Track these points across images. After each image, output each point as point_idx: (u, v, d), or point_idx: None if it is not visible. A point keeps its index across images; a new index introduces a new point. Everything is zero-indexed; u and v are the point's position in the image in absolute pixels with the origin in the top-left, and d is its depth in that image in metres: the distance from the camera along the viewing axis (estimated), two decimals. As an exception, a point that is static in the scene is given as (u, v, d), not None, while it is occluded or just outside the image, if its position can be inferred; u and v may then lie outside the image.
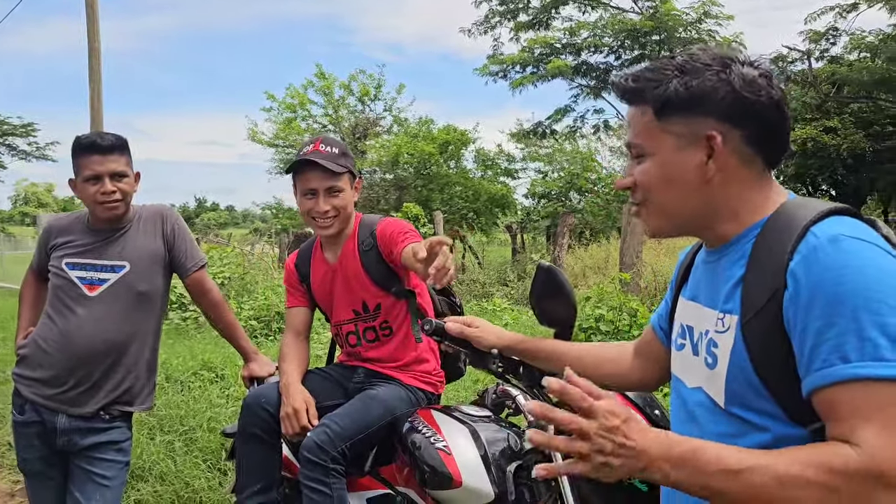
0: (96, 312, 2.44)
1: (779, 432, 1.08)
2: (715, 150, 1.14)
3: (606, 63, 17.71)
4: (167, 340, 7.19)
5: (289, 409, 2.28)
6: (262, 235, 17.82)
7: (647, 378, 1.59)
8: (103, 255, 2.48)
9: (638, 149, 1.21)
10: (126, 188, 2.46)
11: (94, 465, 2.46)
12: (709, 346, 1.19)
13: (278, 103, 20.27)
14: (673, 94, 1.15)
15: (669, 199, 1.20)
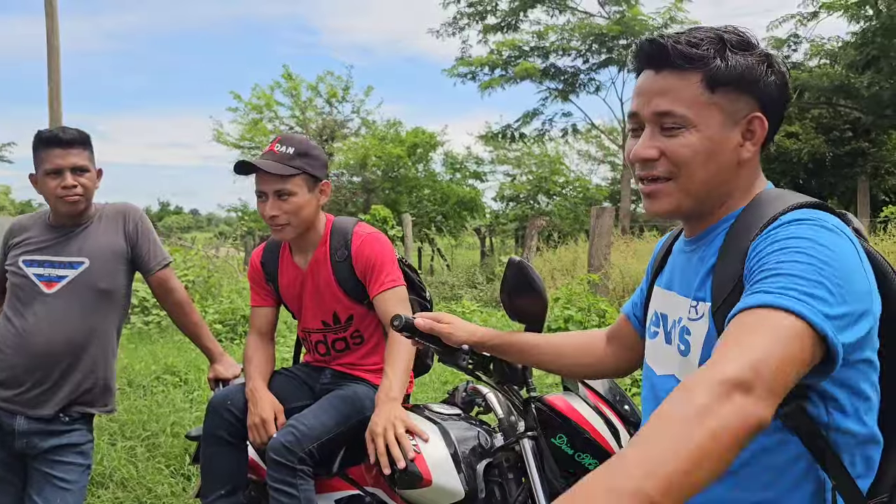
0: (54, 310, 2.37)
1: None
2: (756, 134, 1.14)
3: (574, 66, 17.89)
4: (128, 345, 7.05)
5: (256, 419, 2.23)
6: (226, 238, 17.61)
7: (622, 365, 1.59)
8: (62, 251, 2.41)
9: (678, 119, 1.12)
10: (87, 183, 2.40)
11: (55, 468, 2.38)
12: (682, 333, 1.19)
13: (244, 104, 20.07)
14: (732, 69, 1.11)
15: (703, 176, 1.14)
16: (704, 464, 0.81)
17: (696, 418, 0.84)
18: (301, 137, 2.38)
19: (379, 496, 2.17)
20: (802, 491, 1.06)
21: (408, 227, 10.98)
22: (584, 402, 1.92)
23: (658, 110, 1.14)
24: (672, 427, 0.84)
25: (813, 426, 1.04)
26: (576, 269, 10.33)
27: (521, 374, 1.91)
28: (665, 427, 0.84)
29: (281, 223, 2.27)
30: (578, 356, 1.61)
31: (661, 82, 1.14)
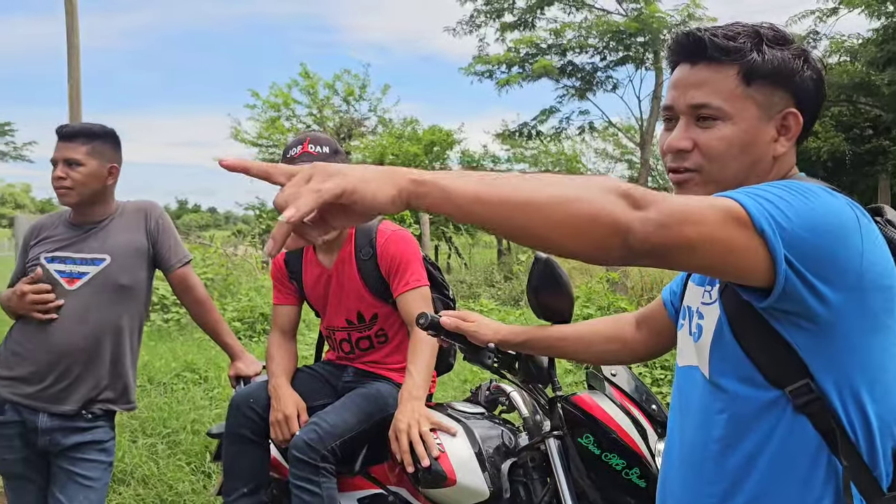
0: (76, 307, 2.37)
1: (760, 399, 1.07)
2: (791, 130, 1.14)
3: (591, 64, 17.76)
4: (148, 342, 7.09)
5: (279, 416, 2.22)
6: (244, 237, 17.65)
7: (652, 349, 1.59)
8: (83, 248, 2.43)
9: (714, 111, 1.12)
10: (77, 177, 2.40)
11: (77, 465, 2.39)
12: (697, 318, 1.19)
13: (262, 102, 20.13)
14: (768, 63, 1.11)
15: (735, 169, 1.14)
16: (533, 210, 0.86)
17: (569, 180, 0.89)
18: (328, 136, 2.38)
19: (402, 495, 2.16)
20: (816, 477, 1.05)
21: (425, 225, 10.96)
22: (611, 401, 1.89)
23: (693, 102, 1.14)
24: (542, 177, 0.90)
25: (823, 407, 1.03)
26: (593, 268, 10.27)
27: (546, 373, 1.90)
28: (539, 176, 0.90)
29: None
30: (606, 343, 1.60)
31: (697, 75, 1.14)
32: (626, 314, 1.66)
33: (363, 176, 0.86)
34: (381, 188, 0.86)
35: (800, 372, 1.03)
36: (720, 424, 1.11)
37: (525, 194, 0.87)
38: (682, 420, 1.22)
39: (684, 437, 1.20)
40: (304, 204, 0.83)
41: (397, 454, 1.99)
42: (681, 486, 1.20)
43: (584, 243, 0.88)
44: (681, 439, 1.21)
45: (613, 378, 1.96)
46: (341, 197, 0.84)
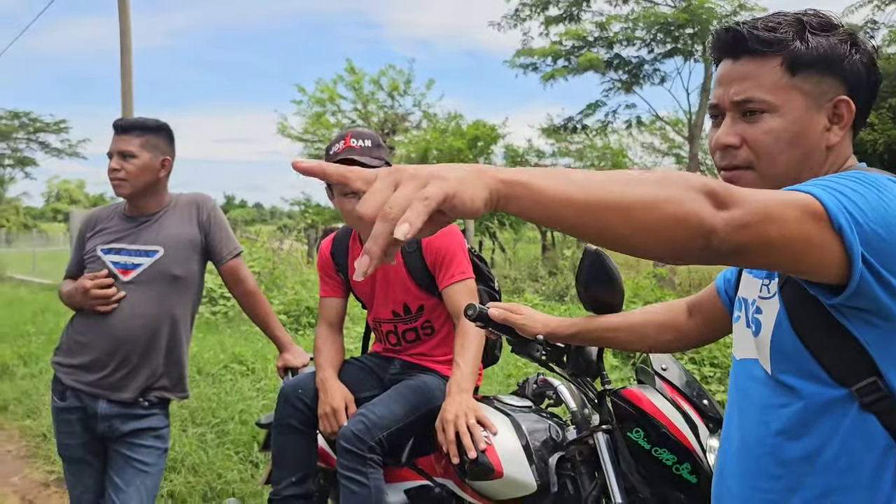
0: (131, 297, 2.43)
1: (824, 396, 1.04)
2: (843, 118, 1.11)
3: (639, 57, 17.50)
4: (197, 334, 7.24)
5: (328, 408, 2.25)
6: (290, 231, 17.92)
7: (705, 337, 1.56)
8: (137, 240, 2.49)
9: (759, 104, 1.10)
10: (131, 168, 2.45)
11: (135, 451, 2.46)
12: (755, 312, 1.17)
13: (308, 97, 20.38)
14: (813, 50, 1.09)
15: (786, 162, 1.11)
16: (621, 212, 0.81)
17: (653, 178, 0.84)
18: (369, 131, 2.38)
19: (449, 487, 2.15)
20: (885, 475, 1.02)
21: (469, 220, 10.96)
22: (662, 396, 1.86)
23: (738, 98, 1.12)
24: (624, 175, 0.84)
25: (893, 405, 1.01)
26: (640, 263, 10.13)
27: (595, 366, 1.88)
28: (620, 174, 0.84)
29: None
30: (659, 334, 1.58)
31: (739, 69, 1.13)
32: (677, 301, 1.62)
33: (459, 177, 0.76)
34: (476, 191, 0.77)
35: (868, 369, 1.01)
36: (781, 419, 1.09)
37: (615, 197, 0.81)
38: (740, 413, 1.19)
39: (742, 430, 1.18)
40: (416, 217, 0.72)
41: (444, 445, 1.99)
42: (737, 480, 1.18)
43: (667, 245, 0.84)
44: (738, 433, 1.19)
45: (664, 372, 1.92)
46: (444, 203, 0.75)
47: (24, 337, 8.43)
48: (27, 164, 58.80)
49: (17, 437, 5.41)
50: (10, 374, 6.91)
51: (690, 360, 4.94)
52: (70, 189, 70.53)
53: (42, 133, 57.64)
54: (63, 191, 70.66)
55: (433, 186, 0.74)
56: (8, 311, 10.78)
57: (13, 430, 5.57)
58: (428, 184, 0.75)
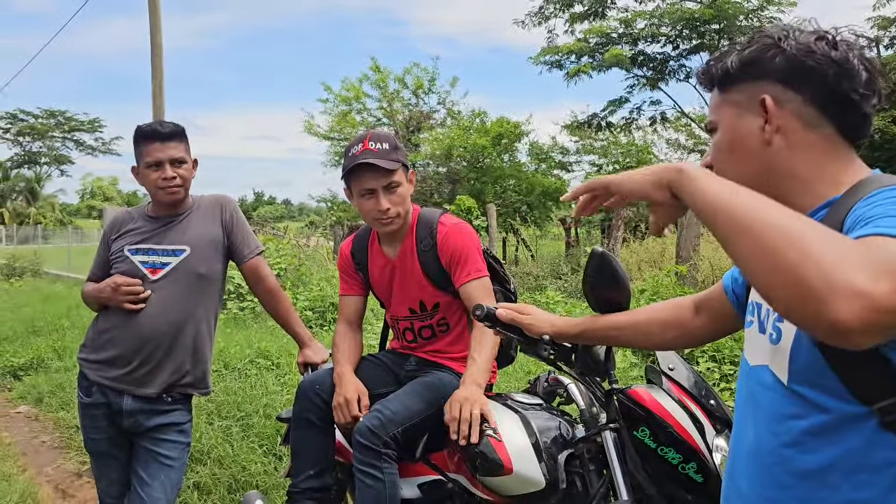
0: (159, 294, 2.51)
1: (842, 412, 1.03)
2: (769, 113, 1.14)
3: (664, 53, 17.34)
4: (225, 329, 7.38)
5: (341, 399, 2.30)
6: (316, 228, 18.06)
7: (711, 335, 1.58)
8: (164, 240, 2.56)
9: (710, 125, 1.25)
10: (185, 174, 2.54)
11: (159, 445, 2.54)
12: (775, 320, 1.15)
13: (335, 96, 20.51)
14: (729, 66, 1.19)
15: (731, 167, 1.19)
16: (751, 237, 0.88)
17: (819, 235, 0.85)
18: (388, 133, 2.46)
19: (461, 482, 2.20)
20: None
21: (492, 217, 10.99)
22: (668, 396, 1.88)
23: (705, 124, 1.30)
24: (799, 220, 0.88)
25: None
26: (664, 260, 10.08)
27: (603, 366, 1.91)
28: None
29: (392, 216, 2.32)
30: (665, 332, 1.60)
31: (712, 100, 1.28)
32: (683, 298, 1.63)
33: (630, 172, 1.16)
34: (639, 176, 1.15)
35: (893, 389, 0.99)
36: (794, 431, 1.09)
37: (767, 225, 0.88)
38: (751, 418, 1.19)
39: (752, 436, 1.18)
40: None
41: (449, 423, 2.04)
42: (748, 485, 1.18)
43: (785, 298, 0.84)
44: (749, 438, 1.19)
45: (671, 372, 1.94)
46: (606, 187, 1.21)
47: (59, 331, 8.65)
48: (63, 161, 60.06)
49: (52, 428, 5.58)
50: (46, 368, 7.12)
51: (711, 359, 4.92)
52: (103, 186, 71.69)
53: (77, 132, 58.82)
54: (97, 188, 71.82)
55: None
56: (44, 306, 11.03)
57: (48, 421, 5.75)
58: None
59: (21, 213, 54.32)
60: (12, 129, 57.30)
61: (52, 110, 57.40)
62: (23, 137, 58.14)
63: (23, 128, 57.22)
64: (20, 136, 57.93)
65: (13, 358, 7.55)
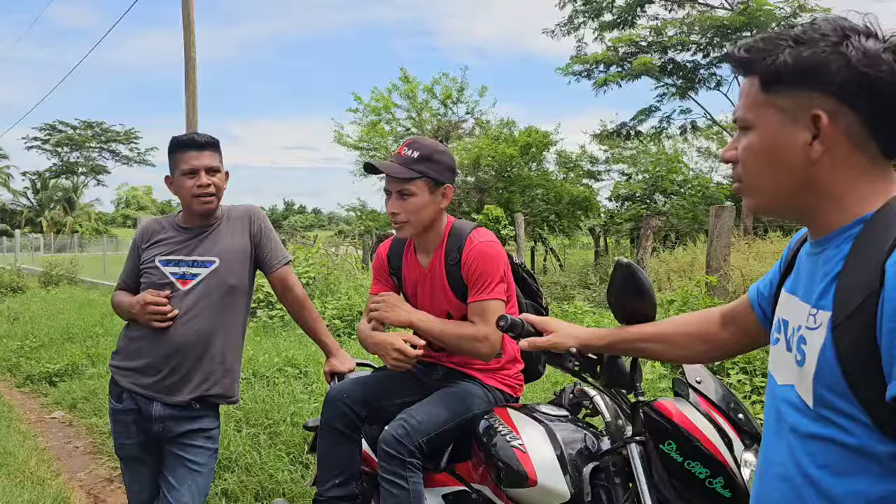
0: (188, 305, 2.55)
1: (864, 440, 1.01)
2: (821, 131, 1.06)
3: (694, 61, 17.20)
4: (255, 337, 7.45)
5: (390, 349, 2.33)
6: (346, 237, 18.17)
7: (739, 348, 1.55)
8: (195, 251, 2.59)
9: (742, 121, 1.15)
10: (219, 183, 2.58)
11: (187, 451, 2.57)
12: (799, 342, 1.12)
13: (364, 105, 20.66)
14: (781, 66, 1.07)
15: (767, 178, 1.13)
16: None
17: None
18: (429, 142, 2.42)
19: (485, 493, 2.20)
20: None
21: (520, 226, 10.96)
22: (696, 409, 1.85)
23: (734, 115, 1.18)
24: None
25: None
26: (693, 270, 9.96)
27: (629, 378, 1.89)
28: None
29: (400, 221, 2.35)
30: (692, 344, 1.58)
31: (742, 87, 1.18)
32: (712, 310, 1.60)
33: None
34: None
35: None
36: (823, 454, 1.06)
37: None
38: (780, 436, 1.16)
39: (784, 455, 1.15)
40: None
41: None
42: None
43: None
44: (780, 458, 1.16)
45: (699, 385, 1.91)
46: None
47: (94, 338, 8.81)
48: (99, 171, 61.36)
49: (85, 433, 5.69)
50: (80, 374, 7.26)
51: (742, 370, 4.85)
52: (138, 195, 72.95)
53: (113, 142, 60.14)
54: (132, 197, 73.12)
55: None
56: (79, 313, 11.24)
57: (81, 427, 5.85)
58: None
59: (58, 221, 55.51)
60: (51, 139, 58.79)
61: (90, 122, 58.79)
62: (61, 148, 59.59)
63: (61, 139, 58.67)
64: (59, 146, 59.41)
65: (49, 364, 7.71)
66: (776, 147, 1.10)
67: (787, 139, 1.09)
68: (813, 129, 1.06)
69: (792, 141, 1.09)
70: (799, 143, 1.08)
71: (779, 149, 1.10)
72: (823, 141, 1.06)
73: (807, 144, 1.07)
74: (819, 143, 1.07)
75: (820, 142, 1.07)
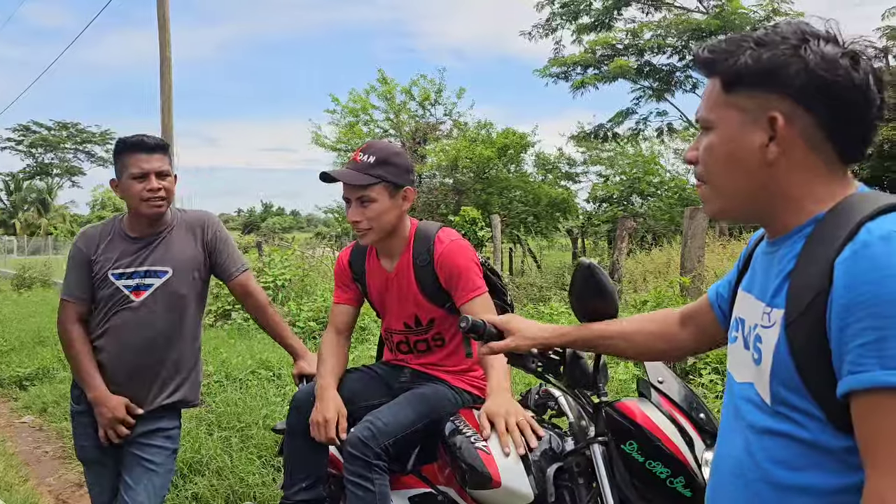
0: (142, 316, 2.52)
1: (818, 435, 1.03)
2: (777, 133, 1.08)
3: (670, 64, 17.38)
4: (228, 339, 7.39)
5: (319, 418, 2.29)
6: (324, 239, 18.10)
7: (697, 347, 1.58)
8: (146, 261, 2.54)
9: (704, 122, 1.17)
10: (169, 187, 2.51)
11: (144, 450, 2.55)
12: (756, 340, 1.14)
13: (342, 107, 20.58)
14: (742, 66, 1.09)
15: (727, 179, 1.15)
16: None
17: None
18: (383, 145, 2.42)
19: (450, 495, 2.19)
20: None
21: (497, 228, 10.97)
22: (657, 410, 1.86)
23: (697, 116, 1.19)
24: None
25: None
26: (669, 271, 10.04)
27: (592, 378, 1.89)
28: None
29: (363, 228, 2.33)
30: (652, 343, 1.60)
31: (705, 89, 1.19)
32: (672, 310, 1.63)
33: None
34: None
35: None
36: (777, 448, 1.08)
37: None
38: (737, 433, 1.18)
39: (738, 451, 1.17)
40: None
41: (501, 436, 2.02)
42: (730, 501, 1.17)
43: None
44: (735, 453, 1.18)
45: (661, 385, 1.92)
46: None
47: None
48: (74, 173, 60.59)
49: (55, 438, 5.61)
50: (51, 378, 7.15)
51: (714, 371, 4.89)
52: (113, 197, 71.96)
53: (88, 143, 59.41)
54: (107, 199, 72.24)
55: None
56: (52, 317, 11.01)
57: (51, 431, 5.77)
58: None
59: (32, 223, 54.74)
60: (25, 140, 57.93)
61: (65, 122, 58.08)
62: (35, 149, 58.79)
63: (35, 139, 57.87)
64: (33, 147, 58.57)
65: (19, 368, 7.60)
66: (735, 148, 1.12)
67: (745, 140, 1.10)
68: (770, 130, 1.08)
69: (749, 142, 1.10)
70: (756, 145, 1.09)
71: (737, 150, 1.11)
72: (779, 143, 1.08)
73: (763, 146, 1.09)
74: (775, 145, 1.08)
75: (776, 143, 1.08)
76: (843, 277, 0.97)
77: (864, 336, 0.93)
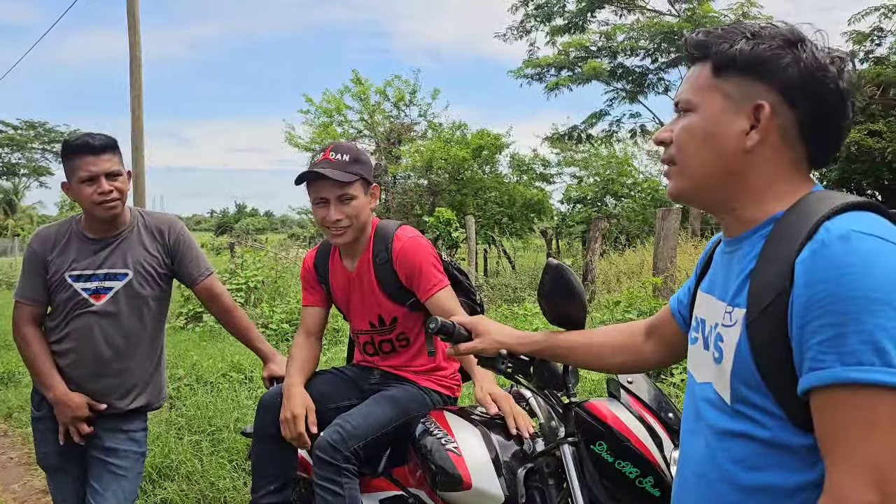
0: (103, 320, 2.47)
1: (778, 433, 1.04)
2: (760, 122, 1.10)
3: (642, 66, 17.54)
4: (200, 342, 7.30)
5: (287, 414, 2.27)
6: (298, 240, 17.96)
7: (662, 359, 1.59)
8: (105, 264, 2.49)
9: (685, 104, 1.17)
10: (121, 187, 2.45)
11: (110, 455, 2.51)
12: (716, 340, 1.16)
13: (316, 107, 20.43)
14: (736, 52, 1.11)
15: (698, 160, 1.15)
16: None
17: None
18: (351, 145, 2.43)
19: (421, 498, 2.18)
20: None
21: (471, 228, 10.97)
22: (627, 410, 1.88)
23: (676, 98, 1.20)
24: None
25: None
26: (643, 272, 10.12)
27: (560, 379, 1.90)
28: None
29: (343, 226, 2.32)
30: (614, 355, 1.61)
31: (688, 74, 1.21)
32: (638, 323, 1.64)
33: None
34: None
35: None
36: (737, 448, 1.09)
37: None
38: (698, 434, 1.19)
39: (700, 452, 1.18)
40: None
41: (517, 416, 2.06)
42: (694, 501, 1.18)
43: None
44: (697, 454, 1.19)
45: (630, 386, 1.94)
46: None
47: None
48: (42, 173, 59.44)
49: (20, 444, 5.49)
50: (16, 382, 7.00)
51: (685, 370, 4.93)
52: (82, 198, 70.91)
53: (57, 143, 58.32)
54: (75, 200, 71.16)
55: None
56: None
57: (16, 437, 5.65)
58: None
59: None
60: (-9, 140, 56.79)
61: (32, 122, 56.91)
62: (1, 149, 57.61)
63: (1, 139, 56.71)
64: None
65: (-17, 372, 7.43)
66: (714, 130, 1.13)
67: (726, 124, 1.12)
68: (753, 119, 1.10)
69: (730, 127, 1.12)
70: (736, 130, 1.11)
71: (717, 132, 1.13)
72: (760, 131, 1.10)
73: (743, 133, 1.11)
74: (756, 133, 1.11)
75: (757, 132, 1.10)
76: (804, 276, 0.98)
77: (824, 333, 0.94)
